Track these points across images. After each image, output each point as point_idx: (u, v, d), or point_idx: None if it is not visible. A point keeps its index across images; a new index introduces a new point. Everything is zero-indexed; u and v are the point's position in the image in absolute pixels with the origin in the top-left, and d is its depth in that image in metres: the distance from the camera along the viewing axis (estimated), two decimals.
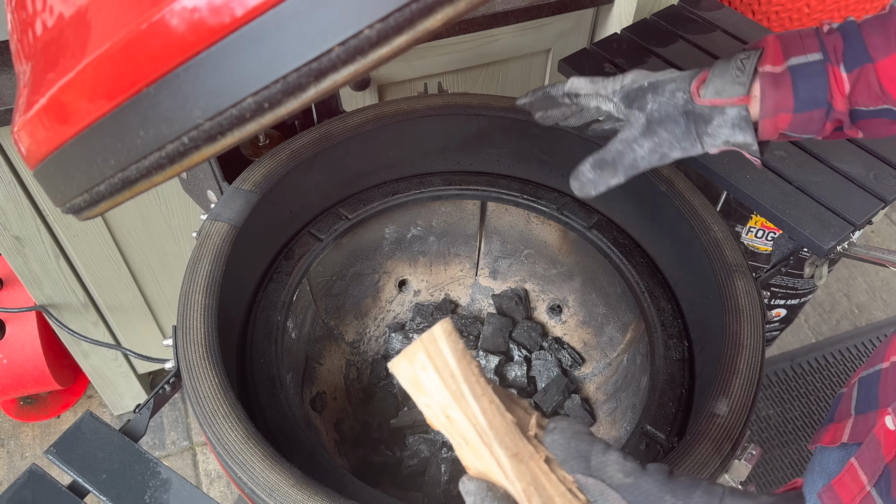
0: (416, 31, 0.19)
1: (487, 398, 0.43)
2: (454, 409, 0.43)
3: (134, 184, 0.25)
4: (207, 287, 0.64)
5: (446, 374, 0.42)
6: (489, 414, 0.43)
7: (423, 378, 0.43)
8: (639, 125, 0.57)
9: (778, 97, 0.53)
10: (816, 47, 0.52)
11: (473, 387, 0.43)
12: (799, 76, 0.52)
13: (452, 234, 0.94)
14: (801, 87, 0.52)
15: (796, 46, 0.53)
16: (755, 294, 0.67)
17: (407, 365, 0.43)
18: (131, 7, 0.22)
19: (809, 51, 0.52)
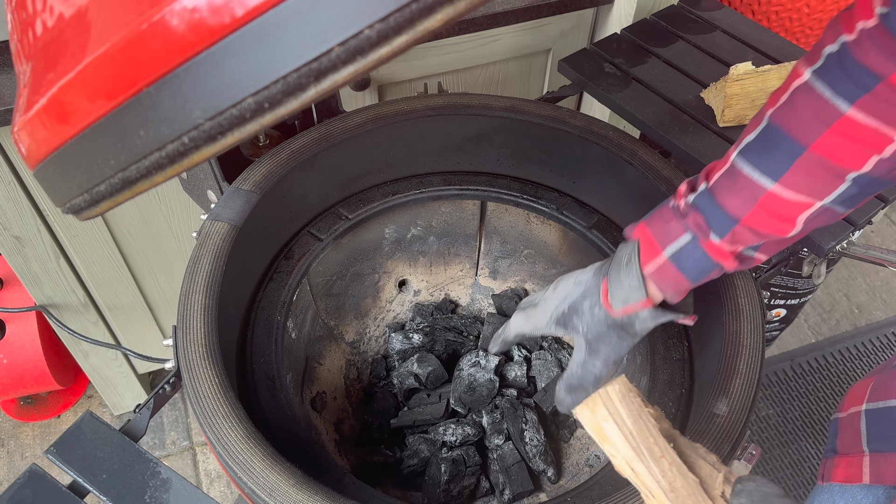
0: (416, 32, 0.19)
1: (667, 459, 0.43)
2: (637, 463, 0.43)
3: (134, 184, 0.25)
4: (207, 287, 0.64)
5: (625, 430, 0.43)
6: (669, 475, 0.42)
7: (606, 429, 0.44)
8: (582, 349, 0.63)
9: (673, 283, 0.58)
10: (682, 230, 0.56)
11: (651, 448, 0.43)
12: (680, 261, 0.57)
13: (452, 234, 0.94)
14: (687, 267, 0.57)
15: (665, 235, 0.57)
16: (755, 294, 0.67)
17: (589, 414, 0.44)
18: (131, 7, 0.22)
19: (677, 236, 0.56)
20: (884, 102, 0.46)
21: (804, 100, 0.49)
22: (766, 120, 0.51)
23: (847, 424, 0.64)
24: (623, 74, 0.94)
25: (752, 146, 0.52)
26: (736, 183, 0.53)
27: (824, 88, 0.48)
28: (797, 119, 0.49)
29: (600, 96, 0.92)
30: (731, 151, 0.55)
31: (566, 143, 0.83)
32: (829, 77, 0.48)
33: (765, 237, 0.55)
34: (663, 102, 0.90)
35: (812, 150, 0.49)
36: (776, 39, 1.00)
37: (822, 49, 0.49)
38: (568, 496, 0.63)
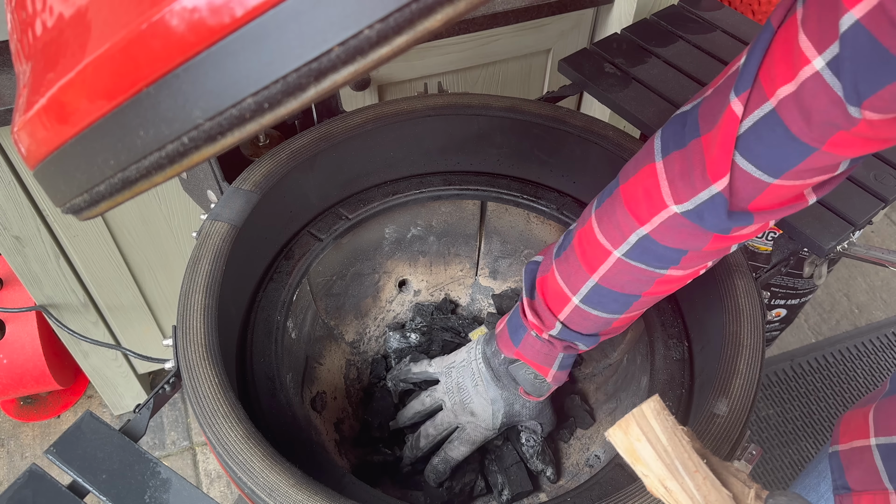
0: (416, 32, 0.19)
1: (702, 474, 0.44)
2: (670, 481, 0.44)
3: (134, 184, 0.25)
4: (207, 287, 0.64)
5: (659, 448, 0.44)
6: (703, 489, 0.44)
7: (638, 449, 0.45)
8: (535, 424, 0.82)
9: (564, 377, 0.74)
10: (557, 352, 0.70)
11: (686, 462, 0.44)
12: (562, 365, 0.72)
13: (452, 233, 0.94)
14: (568, 365, 0.72)
15: (545, 358, 0.71)
16: (755, 294, 0.67)
17: (622, 435, 0.45)
18: (131, 7, 0.22)
19: (555, 356, 0.71)
20: (693, 260, 0.58)
21: (625, 272, 0.60)
22: (594, 283, 0.62)
23: (856, 459, 0.65)
24: (623, 74, 0.94)
25: (592, 298, 0.63)
26: (588, 320, 0.65)
27: (640, 264, 0.59)
28: (625, 283, 0.61)
29: (600, 96, 0.92)
30: (564, 294, 0.65)
31: (566, 143, 0.83)
32: (643, 258, 0.58)
33: (621, 331, 0.70)
34: (663, 102, 0.90)
35: (645, 295, 0.62)
36: None
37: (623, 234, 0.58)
38: (568, 496, 0.63)
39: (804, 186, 0.50)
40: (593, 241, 0.61)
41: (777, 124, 0.46)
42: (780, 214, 0.53)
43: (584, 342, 0.68)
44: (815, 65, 0.42)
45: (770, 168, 0.48)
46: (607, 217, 0.59)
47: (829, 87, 0.42)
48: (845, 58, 0.40)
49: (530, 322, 0.69)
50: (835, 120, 0.43)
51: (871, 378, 1.69)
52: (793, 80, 0.43)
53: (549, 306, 0.67)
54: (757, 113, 0.46)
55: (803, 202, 0.52)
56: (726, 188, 0.50)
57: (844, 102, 0.42)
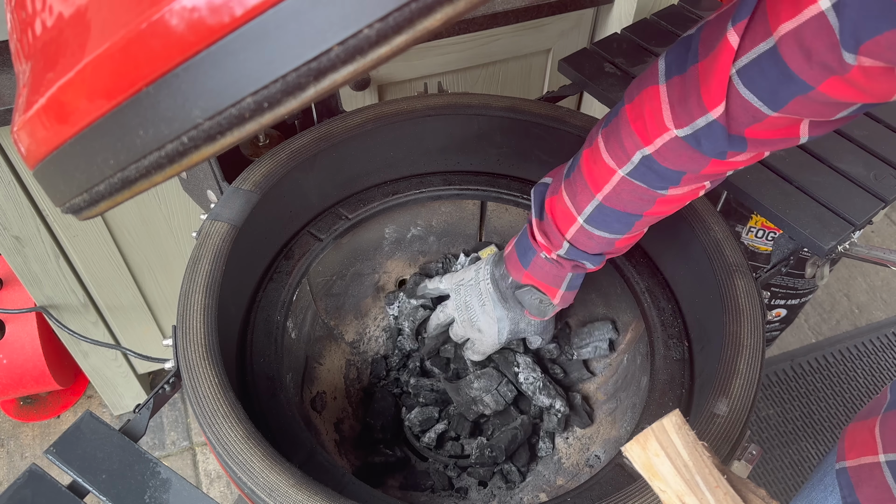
0: (415, 31, 0.19)
1: (722, 489, 0.44)
2: (689, 497, 0.44)
3: (133, 183, 0.25)
4: (207, 287, 0.64)
5: (679, 463, 0.44)
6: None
7: (656, 464, 0.45)
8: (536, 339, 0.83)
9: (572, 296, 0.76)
10: (565, 272, 0.72)
11: (707, 478, 0.44)
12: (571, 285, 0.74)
13: (452, 233, 0.94)
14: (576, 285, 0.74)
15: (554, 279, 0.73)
16: (755, 294, 0.67)
17: (640, 450, 0.45)
18: (131, 7, 0.22)
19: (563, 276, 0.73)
20: (691, 180, 0.59)
21: (627, 190, 0.61)
22: (598, 202, 0.63)
23: (865, 476, 0.64)
24: (623, 74, 0.94)
25: (596, 217, 0.65)
26: (592, 239, 0.67)
27: (643, 183, 0.60)
28: (627, 203, 0.62)
29: (600, 96, 0.92)
30: (570, 214, 0.66)
31: (566, 143, 0.83)
32: (645, 178, 0.60)
33: (625, 250, 0.72)
34: None
35: (646, 215, 0.64)
36: None
37: (628, 154, 0.59)
38: (568, 496, 0.63)
39: (801, 120, 0.51)
40: (599, 160, 0.62)
41: (778, 59, 0.46)
42: (774, 146, 0.54)
43: (591, 261, 0.70)
44: (821, 4, 0.42)
45: (770, 100, 0.49)
46: (613, 136, 0.60)
47: (832, 28, 0.43)
48: (847, 2, 0.41)
49: (539, 243, 0.71)
50: (830, 63, 0.44)
51: (871, 378, 1.69)
52: (796, 17, 0.44)
53: (557, 226, 0.69)
54: (761, 46, 0.47)
55: (796, 136, 0.52)
56: (722, 115, 0.51)
57: (840, 46, 0.42)
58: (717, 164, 0.56)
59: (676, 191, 0.60)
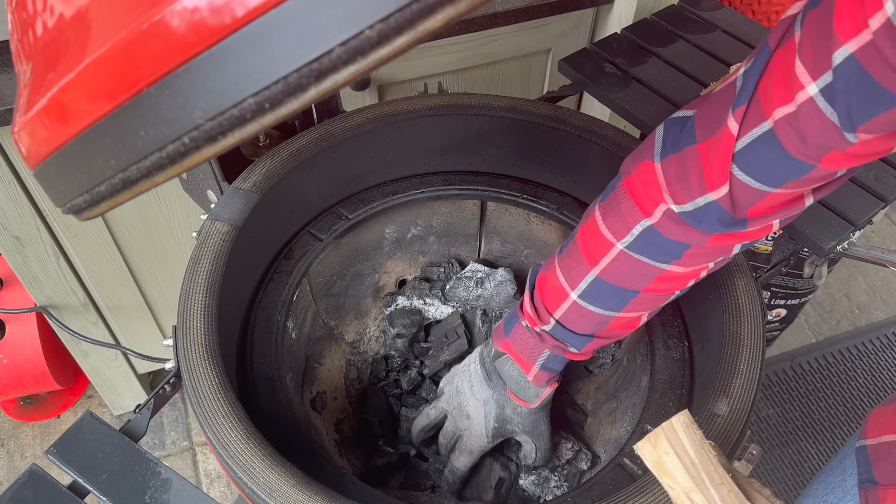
0: (416, 32, 0.19)
1: (727, 487, 0.46)
2: (696, 493, 0.46)
3: (134, 184, 0.25)
4: (207, 287, 0.64)
5: (686, 461, 0.46)
6: (728, 501, 0.46)
7: (666, 462, 0.47)
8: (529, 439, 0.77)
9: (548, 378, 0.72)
10: (543, 349, 0.69)
11: (712, 475, 0.46)
12: (547, 366, 0.70)
13: (452, 233, 0.94)
14: (554, 368, 0.71)
15: (530, 354, 0.70)
16: (755, 294, 0.67)
17: (651, 448, 0.47)
18: (132, 7, 0.22)
19: (540, 353, 0.69)
20: (694, 257, 0.58)
21: (626, 264, 0.60)
22: (594, 276, 0.62)
23: (884, 454, 0.65)
24: (623, 74, 0.94)
25: (591, 293, 0.63)
26: (584, 317, 0.65)
27: (642, 257, 0.59)
28: (625, 277, 0.61)
29: (600, 96, 0.92)
30: (563, 290, 0.65)
31: (566, 143, 0.83)
32: (645, 251, 0.58)
33: (618, 338, 0.69)
34: (663, 102, 0.90)
35: (644, 291, 0.61)
36: None
37: (627, 227, 0.58)
38: (568, 496, 0.64)
39: (803, 191, 0.52)
40: (596, 234, 0.61)
41: (774, 143, 0.47)
42: (778, 217, 0.54)
43: (575, 343, 0.67)
44: (810, 90, 0.44)
45: (769, 180, 0.50)
46: (611, 210, 0.60)
47: (823, 112, 0.44)
48: (839, 88, 0.42)
49: (526, 312, 0.69)
50: (829, 142, 0.45)
51: (871, 378, 1.69)
52: (790, 103, 0.45)
53: (545, 304, 0.67)
54: (755, 131, 0.48)
55: (801, 205, 0.53)
56: (724, 198, 0.52)
57: (839, 127, 0.43)
58: (719, 238, 0.56)
59: (677, 268, 0.59)
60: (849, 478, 0.69)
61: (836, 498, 0.71)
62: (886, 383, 1.68)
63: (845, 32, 0.40)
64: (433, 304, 0.92)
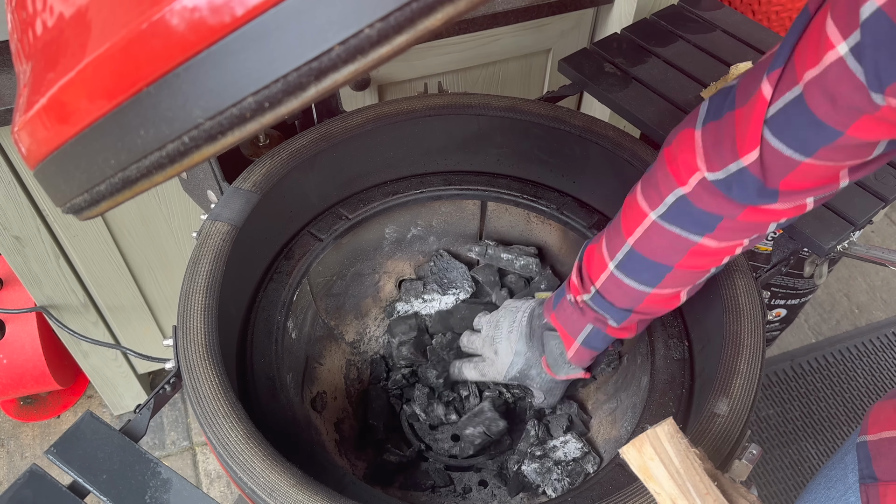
0: (416, 31, 0.19)
1: (712, 496, 0.46)
2: (681, 500, 0.46)
3: (134, 183, 0.25)
4: (207, 287, 0.64)
5: (672, 469, 0.46)
6: None
7: (651, 468, 0.47)
8: (542, 394, 0.80)
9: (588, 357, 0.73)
10: (585, 323, 0.70)
11: (697, 485, 0.46)
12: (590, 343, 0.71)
13: (452, 233, 0.94)
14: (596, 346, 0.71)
15: (573, 328, 0.71)
16: (755, 294, 0.67)
17: (636, 454, 0.47)
18: (131, 7, 0.22)
19: (582, 328, 0.70)
20: (727, 230, 0.57)
21: (659, 235, 0.59)
22: (629, 247, 0.62)
23: (885, 450, 0.65)
24: (623, 74, 0.94)
25: (626, 264, 0.63)
26: (620, 289, 0.65)
27: (675, 228, 0.58)
28: (657, 249, 0.60)
29: (600, 96, 0.92)
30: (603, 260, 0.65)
31: (566, 143, 0.83)
32: (678, 221, 0.58)
33: (657, 315, 0.69)
34: (663, 102, 0.90)
35: (677, 267, 0.61)
36: (776, 39, 1.00)
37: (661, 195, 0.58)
38: (568, 496, 0.63)
39: (838, 168, 0.50)
40: (634, 204, 0.61)
41: (804, 108, 0.47)
42: (811, 195, 0.53)
43: (614, 316, 0.67)
44: (840, 50, 0.43)
45: (801, 147, 0.49)
46: (649, 180, 0.60)
47: (853, 72, 0.43)
48: (867, 45, 0.41)
49: (572, 284, 0.70)
50: (858, 104, 0.44)
51: (871, 378, 1.69)
52: (818, 65, 0.44)
53: (589, 272, 0.68)
54: (787, 95, 0.48)
55: (835, 184, 0.52)
56: (754, 163, 0.51)
57: (867, 88, 0.42)
58: (752, 212, 0.55)
59: (710, 241, 0.58)
60: (850, 473, 0.69)
61: (837, 493, 0.71)
62: (886, 383, 1.68)
63: None
64: (433, 299, 0.92)
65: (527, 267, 0.91)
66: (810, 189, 0.52)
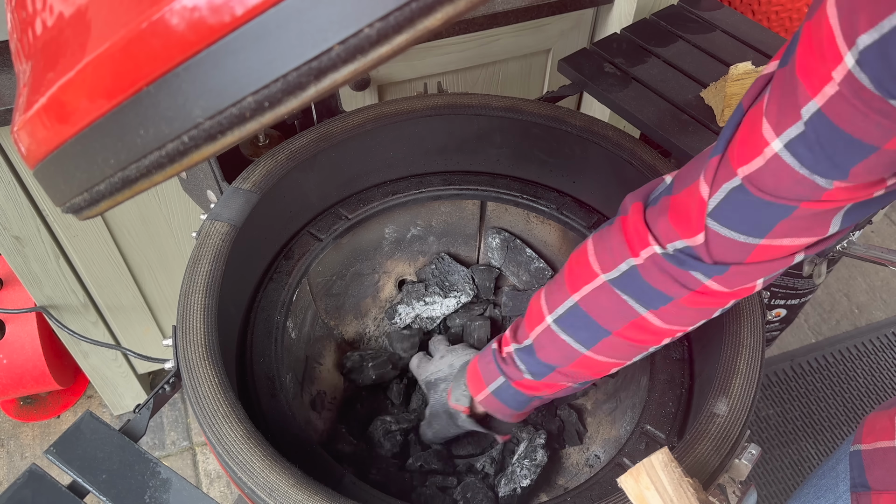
0: (416, 30, 0.19)
1: None
2: None
3: (134, 183, 0.25)
4: (207, 287, 0.64)
5: (666, 497, 0.48)
6: None
7: (647, 496, 0.49)
8: (427, 415, 0.81)
9: (498, 410, 0.72)
10: (498, 374, 0.69)
11: None
12: (500, 395, 0.70)
13: (452, 233, 0.94)
14: (506, 400, 0.70)
15: (488, 375, 0.70)
16: (755, 294, 0.67)
17: (633, 483, 0.49)
18: (131, 6, 0.22)
19: (495, 378, 0.69)
20: (672, 314, 0.57)
21: (606, 297, 0.59)
22: (573, 302, 0.61)
23: (878, 459, 0.65)
24: (623, 74, 0.94)
25: (566, 319, 0.62)
26: (554, 343, 0.64)
27: (623, 295, 0.58)
28: (601, 311, 0.60)
29: (600, 96, 0.92)
30: (541, 313, 0.64)
31: (566, 143, 0.83)
32: (627, 289, 0.57)
33: (580, 379, 0.67)
34: (663, 102, 0.90)
35: (616, 334, 0.60)
36: (776, 39, 1.00)
37: (615, 261, 0.57)
38: (568, 496, 0.63)
39: (796, 247, 0.50)
40: (584, 261, 0.61)
41: (747, 195, 0.48)
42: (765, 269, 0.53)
43: (534, 369, 0.66)
44: (774, 146, 0.44)
45: (754, 230, 0.49)
46: (604, 242, 0.60)
47: (790, 166, 0.44)
48: (812, 141, 0.42)
49: (505, 335, 0.70)
50: (802, 194, 0.45)
51: (871, 378, 1.69)
52: (756, 159, 0.46)
53: (527, 324, 0.67)
54: (726, 186, 0.49)
55: (790, 260, 0.52)
56: (700, 245, 0.52)
57: (810, 177, 0.44)
58: (697, 297, 0.55)
59: (654, 319, 0.58)
60: (841, 482, 0.69)
61: (827, 502, 0.71)
62: (886, 383, 1.68)
63: (811, 86, 0.41)
64: (435, 301, 0.92)
65: (542, 271, 0.91)
66: (760, 263, 0.52)
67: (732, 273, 0.53)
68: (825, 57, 0.39)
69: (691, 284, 0.54)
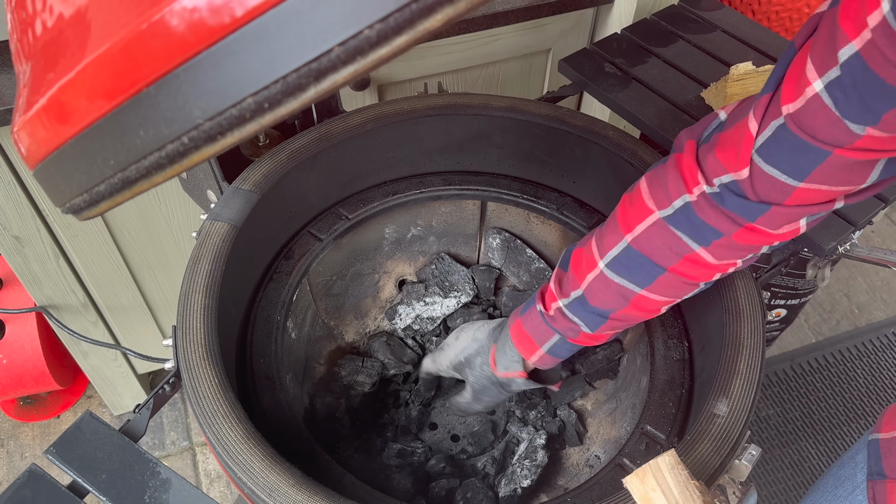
0: (416, 32, 0.19)
1: None
2: None
3: (134, 184, 0.25)
4: (207, 287, 0.64)
5: (672, 499, 0.48)
6: None
7: (653, 498, 0.49)
8: (469, 394, 0.80)
9: (550, 363, 0.73)
10: (551, 333, 0.70)
11: None
12: (555, 352, 0.71)
13: (452, 234, 0.94)
14: (561, 354, 0.71)
15: (539, 336, 0.71)
16: (755, 294, 0.67)
17: (639, 483, 0.50)
18: (131, 7, 0.22)
19: (549, 337, 0.70)
20: (724, 248, 0.58)
21: (660, 235, 0.60)
22: (625, 244, 0.62)
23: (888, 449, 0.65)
24: (623, 74, 0.94)
25: (619, 261, 0.63)
26: (608, 289, 0.64)
27: (677, 231, 0.59)
28: (655, 249, 0.60)
29: (600, 96, 0.92)
30: (593, 259, 0.64)
31: (566, 143, 0.83)
32: (680, 226, 0.58)
33: (632, 322, 0.68)
34: (663, 102, 0.90)
35: (671, 270, 0.61)
36: (776, 39, 1.00)
37: (670, 198, 0.58)
38: (568, 496, 0.63)
39: (834, 193, 0.52)
40: (638, 201, 0.61)
41: (790, 134, 0.49)
42: (805, 212, 0.54)
43: (589, 322, 0.67)
44: (815, 87, 0.46)
45: (793, 171, 0.51)
46: (658, 179, 0.60)
47: (829, 107, 0.45)
48: (847, 84, 0.44)
49: (549, 291, 0.70)
50: (836, 137, 0.47)
51: (871, 378, 1.69)
52: (799, 98, 0.47)
53: (575, 275, 0.67)
54: (773, 124, 0.50)
55: (830, 206, 0.53)
56: (745, 180, 0.53)
57: (843, 121, 0.45)
58: (746, 232, 0.56)
59: (706, 254, 0.59)
60: (859, 472, 0.70)
61: (845, 491, 0.71)
62: (886, 383, 1.68)
63: (850, 30, 0.42)
64: (435, 301, 0.92)
65: (542, 272, 0.91)
66: (802, 206, 0.53)
67: (774, 213, 0.54)
68: (864, 1, 0.41)
69: (740, 220, 0.56)
